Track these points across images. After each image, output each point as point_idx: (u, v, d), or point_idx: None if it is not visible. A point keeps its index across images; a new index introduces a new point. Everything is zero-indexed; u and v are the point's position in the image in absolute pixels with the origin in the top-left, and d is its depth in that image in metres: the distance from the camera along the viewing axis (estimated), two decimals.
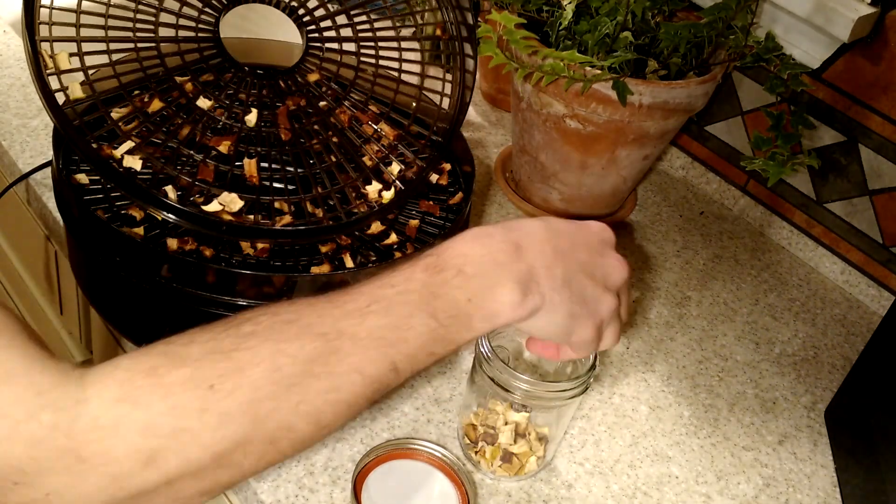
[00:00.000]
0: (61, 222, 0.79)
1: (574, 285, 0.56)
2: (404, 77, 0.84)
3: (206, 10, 0.78)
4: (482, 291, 0.53)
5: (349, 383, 0.49)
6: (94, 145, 0.73)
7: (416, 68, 0.83)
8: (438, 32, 0.81)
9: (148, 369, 0.45)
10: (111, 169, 0.71)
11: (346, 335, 0.49)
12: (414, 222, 0.79)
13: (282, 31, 0.86)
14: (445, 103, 0.83)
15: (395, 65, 0.83)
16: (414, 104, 0.84)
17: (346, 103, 0.82)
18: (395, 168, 0.80)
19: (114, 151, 0.73)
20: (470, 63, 0.80)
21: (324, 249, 0.75)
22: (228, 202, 0.70)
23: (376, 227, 0.78)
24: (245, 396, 0.45)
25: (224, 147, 0.75)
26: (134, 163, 0.72)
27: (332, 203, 0.80)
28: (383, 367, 0.50)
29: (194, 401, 0.44)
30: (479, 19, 1.10)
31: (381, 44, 0.83)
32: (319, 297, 0.51)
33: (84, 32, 0.74)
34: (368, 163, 0.81)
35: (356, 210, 0.78)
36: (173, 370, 0.45)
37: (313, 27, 0.81)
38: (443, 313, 0.52)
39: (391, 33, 0.83)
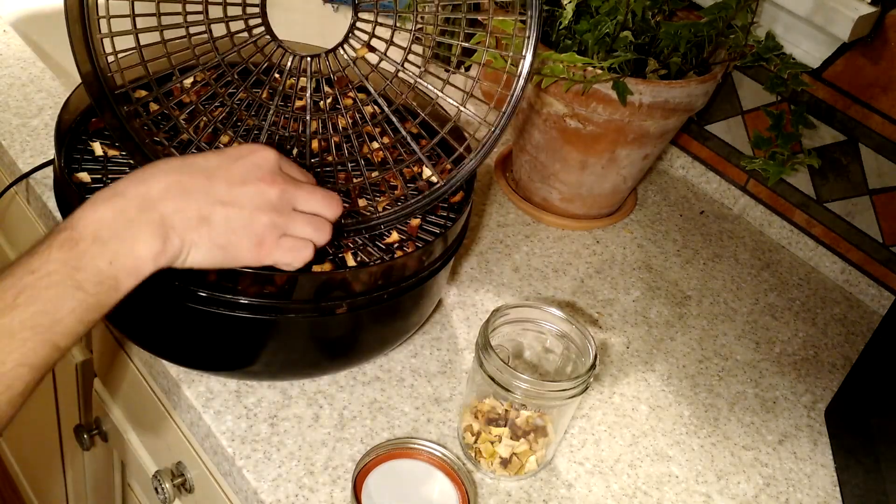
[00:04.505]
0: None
1: (215, 218, 0.59)
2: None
3: None
4: (121, 252, 0.55)
5: (18, 378, 0.52)
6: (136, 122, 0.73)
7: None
8: None
9: None
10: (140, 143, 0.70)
11: (3, 335, 0.51)
12: (415, 221, 0.79)
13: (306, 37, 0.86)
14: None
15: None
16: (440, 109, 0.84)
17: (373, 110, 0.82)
18: (426, 172, 0.80)
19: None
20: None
21: None
22: None
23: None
24: None
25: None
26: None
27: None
28: (45, 351, 0.52)
29: None
30: (479, 20, 1.10)
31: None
32: None
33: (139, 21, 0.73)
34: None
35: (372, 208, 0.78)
36: None
37: None
38: (89, 283, 0.54)
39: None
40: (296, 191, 0.62)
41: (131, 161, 0.77)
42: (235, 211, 0.60)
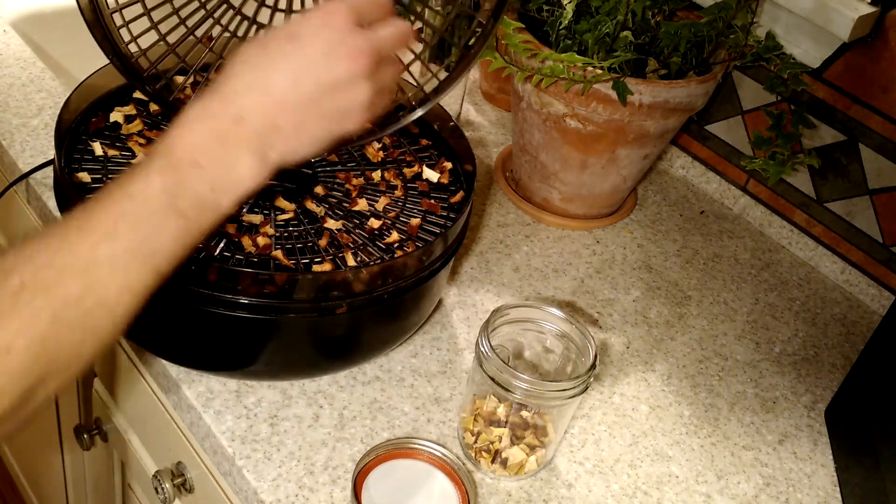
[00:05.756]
0: None
1: (311, 120, 0.57)
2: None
3: None
4: (221, 177, 0.54)
5: (122, 304, 0.52)
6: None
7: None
8: None
9: None
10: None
11: (105, 262, 0.51)
12: (415, 221, 0.79)
13: None
14: None
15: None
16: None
17: None
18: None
19: None
20: None
21: (322, 243, 0.75)
22: None
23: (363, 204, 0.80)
24: (37, 348, 0.49)
25: None
26: None
27: (333, 201, 0.80)
28: (148, 276, 0.53)
29: (1, 366, 0.48)
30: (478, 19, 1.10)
31: None
32: (70, 224, 0.52)
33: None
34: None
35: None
36: None
37: None
38: (190, 210, 0.53)
39: None
40: (379, 43, 0.59)
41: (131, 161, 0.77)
42: (331, 103, 0.57)
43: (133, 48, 0.74)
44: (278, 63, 0.56)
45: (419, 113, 0.75)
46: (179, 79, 0.82)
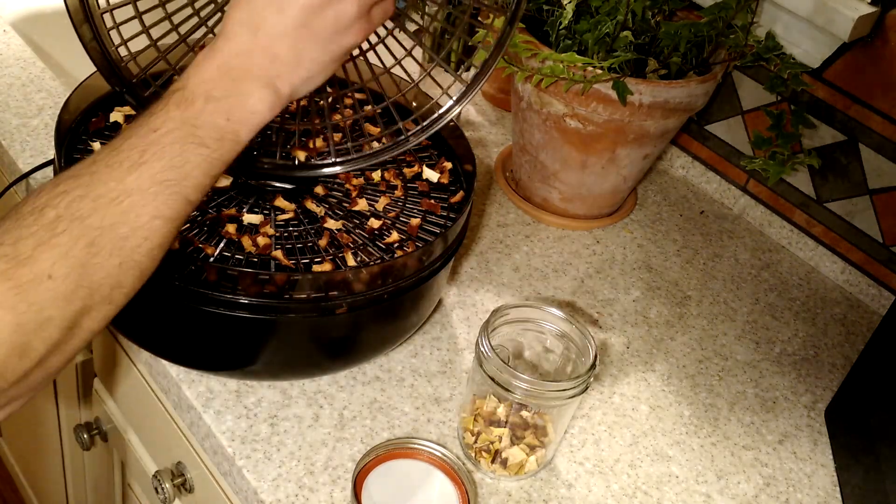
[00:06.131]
0: None
1: (307, 45, 0.59)
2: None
3: None
4: (235, 108, 0.57)
5: (155, 230, 0.54)
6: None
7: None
8: None
9: None
10: None
11: (135, 190, 0.53)
12: (415, 221, 0.79)
13: None
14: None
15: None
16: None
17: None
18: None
19: None
20: None
21: (322, 243, 0.75)
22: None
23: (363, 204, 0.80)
24: (77, 274, 0.51)
25: None
26: None
27: (333, 201, 0.80)
28: (178, 204, 0.55)
29: (45, 292, 0.49)
30: (479, 19, 1.10)
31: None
32: (98, 161, 0.54)
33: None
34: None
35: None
36: (18, 270, 0.49)
37: None
38: (210, 139, 0.56)
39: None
40: None
41: None
42: (321, 23, 0.59)
43: (122, 52, 0.74)
44: (266, 6, 0.58)
45: (444, 121, 0.76)
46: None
